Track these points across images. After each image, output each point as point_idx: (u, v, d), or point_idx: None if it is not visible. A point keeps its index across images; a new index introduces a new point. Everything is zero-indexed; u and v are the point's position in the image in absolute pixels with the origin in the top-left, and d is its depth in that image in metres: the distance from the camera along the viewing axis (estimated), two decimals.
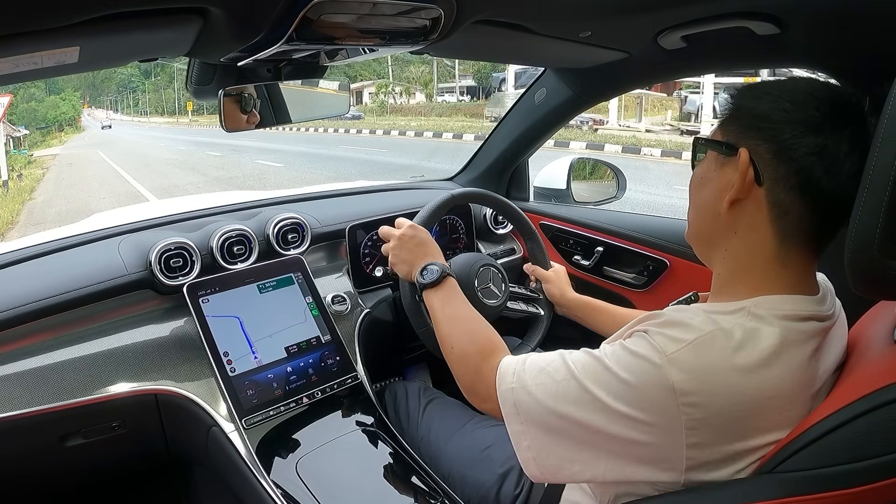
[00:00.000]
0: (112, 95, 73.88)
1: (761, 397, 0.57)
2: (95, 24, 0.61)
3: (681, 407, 0.56)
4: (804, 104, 0.59)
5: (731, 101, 0.65)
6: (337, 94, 1.13)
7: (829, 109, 0.58)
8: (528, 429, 0.66)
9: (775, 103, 0.60)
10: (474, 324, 0.84)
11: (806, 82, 0.61)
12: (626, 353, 0.60)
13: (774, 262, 0.62)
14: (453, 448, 1.03)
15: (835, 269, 0.62)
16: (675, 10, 0.94)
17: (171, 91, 55.95)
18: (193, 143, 22.17)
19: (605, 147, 11.94)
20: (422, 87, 31.44)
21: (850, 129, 0.58)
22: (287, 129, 22.28)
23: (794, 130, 0.58)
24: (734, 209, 0.63)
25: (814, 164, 0.58)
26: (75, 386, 1.00)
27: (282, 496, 0.94)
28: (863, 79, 0.94)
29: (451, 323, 0.85)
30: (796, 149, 0.58)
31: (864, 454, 0.50)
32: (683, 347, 0.57)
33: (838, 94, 0.60)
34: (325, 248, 1.38)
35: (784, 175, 0.59)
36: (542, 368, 0.66)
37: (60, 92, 53.13)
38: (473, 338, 0.80)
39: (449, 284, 0.90)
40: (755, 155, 0.61)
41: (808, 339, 0.60)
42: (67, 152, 24.16)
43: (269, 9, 0.69)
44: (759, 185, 0.61)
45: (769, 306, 0.59)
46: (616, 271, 1.50)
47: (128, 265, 1.12)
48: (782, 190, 0.60)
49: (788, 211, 0.60)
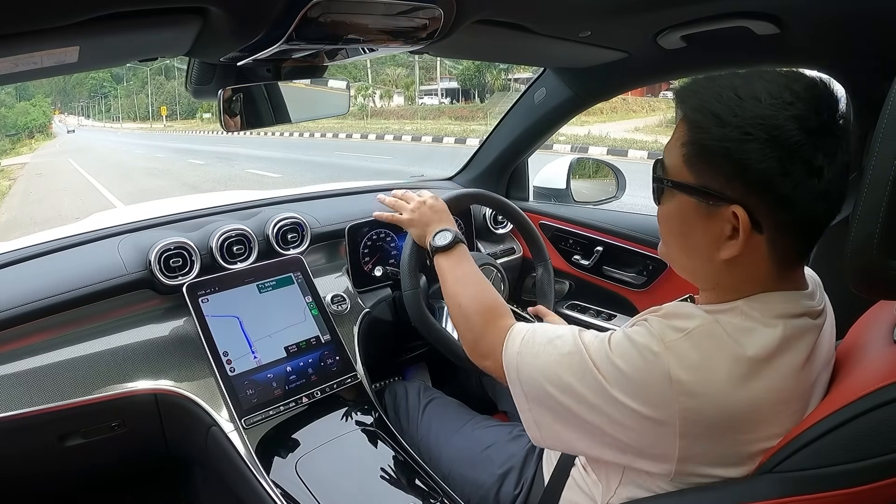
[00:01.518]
0: (83, 101, 72.64)
1: (758, 398, 0.57)
2: (95, 24, 0.61)
3: (676, 396, 0.56)
4: (799, 147, 0.53)
5: (695, 137, 0.57)
6: (337, 94, 1.13)
7: (825, 141, 0.53)
8: (529, 397, 0.67)
9: (761, 150, 0.53)
10: (483, 285, 0.86)
11: (791, 114, 0.53)
12: (628, 343, 0.60)
13: (770, 279, 0.61)
14: (453, 448, 1.03)
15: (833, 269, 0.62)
16: (674, 10, 0.94)
17: (143, 96, 55.20)
18: (172, 149, 20.32)
19: (590, 149, 11.56)
20: (402, 89, 30.59)
21: (843, 150, 0.55)
22: (270, 134, 21.71)
23: (794, 182, 0.53)
24: (732, 258, 0.59)
25: (818, 207, 0.55)
26: (75, 386, 1.00)
27: (281, 496, 0.94)
28: (863, 79, 0.94)
29: (460, 283, 0.87)
30: (798, 198, 0.54)
31: (864, 454, 0.50)
32: (683, 336, 0.58)
33: (823, 110, 0.54)
34: (324, 247, 1.38)
35: (783, 223, 0.56)
36: (550, 340, 0.67)
37: (31, 98, 50.92)
38: (481, 298, 0.82)
39: (460, 250, 0.92)
40: (748, 206, 0.55)
41: (804, 334, 0.60)
42: (37, 161, 21.90)
43: (268, 8, 0.69)
44: (760, 234, 0.57)
45: (763, 305, 0.59)
46: (616, 271, 1.50)
47: (127, 265, 1.12)
48: (786, 235, 0.57)
49: (787, 248, 0.59)
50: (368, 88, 30.66)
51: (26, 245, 1.20)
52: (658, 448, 0.59)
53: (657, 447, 0.59)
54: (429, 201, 1.03)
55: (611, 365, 0.60)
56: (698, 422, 0.57)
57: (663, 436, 0.58)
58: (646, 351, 0.58)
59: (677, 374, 0.56)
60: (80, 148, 26.93)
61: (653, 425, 0.58)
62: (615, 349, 0.61)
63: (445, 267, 0.90)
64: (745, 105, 0.55)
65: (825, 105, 0.55)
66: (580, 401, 0.62)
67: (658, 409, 0.57)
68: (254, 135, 22.35)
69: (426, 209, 1.02)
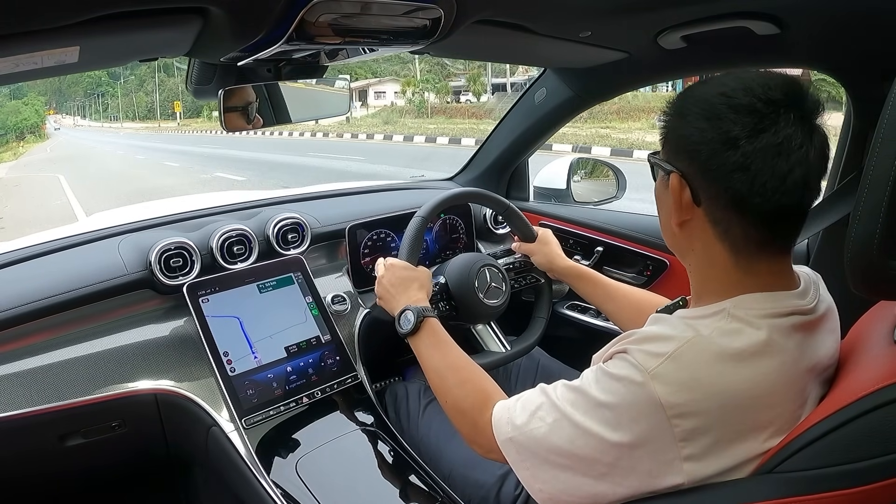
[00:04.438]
0: (79, 100, 70.55)
1: (748, 394, 0.56)
2: (95, 24, 0.61)
3: (671, 420, 0.56)
4: (718, 118, 0.57)
5: (662, 119, 0.64)
6: (338, 94, 1.13)
7: (746, 117, 0.56)
8: (536, 471, 0.65)
9: (693, 121, 0.59)
10: (464, 372, 0.83)
11: (721, 91, 0.58)
12: (608, 378, 0.60)
13: (736, 270, 0.61)
14: (453, 448, 1.03)
15: (833, 269, 0.62)
16: (675, 10, 0.94)
17: (142, 94, 53.04)
18: (204, 157, 15.42)
19: (593, 150, 10.87)
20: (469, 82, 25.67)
21: (773, 130, 0.55)
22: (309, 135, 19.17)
23: (711, 149, 0.57)
24: (685, 229, 0.63)
25: (738, 180, 0.56)
26: (75, 385, 1.00)
27: (282, 496, 0.94)
28: (862, 79, 0.94)
29: (439, 374, 0.84)
30: (718, 168, 0.57)
31: (864, 454, 0.50)
32: (664, 360, 0.57)
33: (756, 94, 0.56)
34: (325, 247, 1.38)
35: (715, 194, 0.59)
36: (532, 413, 0.66)
37: (24, 96, 47.03)
38: (465, 390, 0.80)
39: (428, 328, 0.90)
40: (689, 176, 0.60)
41: (792, 332, 0.59)
42: (12, 176, 16.28)
43: (268, 9, 0.69)
44: (699, 206, 0.61)
45: (749, 306, 0.59)
46: (616, 271, 1.50)
47: (128, 265, 1.12)
48: (718, 209, 0.59)
49: (730, 228, 0.60)
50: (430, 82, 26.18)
51: (26, 245, 1.20)
52: (663, 472, 0.58)
53: (662, 471, 0.58)
54: (386, 277, 1.00)
55: (598, 408, 0.59)
56: (697, 441, 0.56)
57: (666, 461, 0.57)
58: (630, 384, 0.57)
59: (668, 399, 0.56)
60: (74, 154, 21.80)
61: (654, 453, 0.57)
62: (598, 390, 0.60)
63: (422, 354, 0.88)
64: (696, 90, 0.61)
65: (761, 85, 0.57)
66: (581, 460, 0.61)
67: (654, 436, 0.56)
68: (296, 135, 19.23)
69: (382, 289, 1.00)
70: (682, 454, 0.56)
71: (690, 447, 0.56)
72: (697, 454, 0.56)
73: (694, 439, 0.56)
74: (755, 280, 0.61)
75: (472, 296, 1.13)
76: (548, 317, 1.23)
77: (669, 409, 0.56)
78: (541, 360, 1.30)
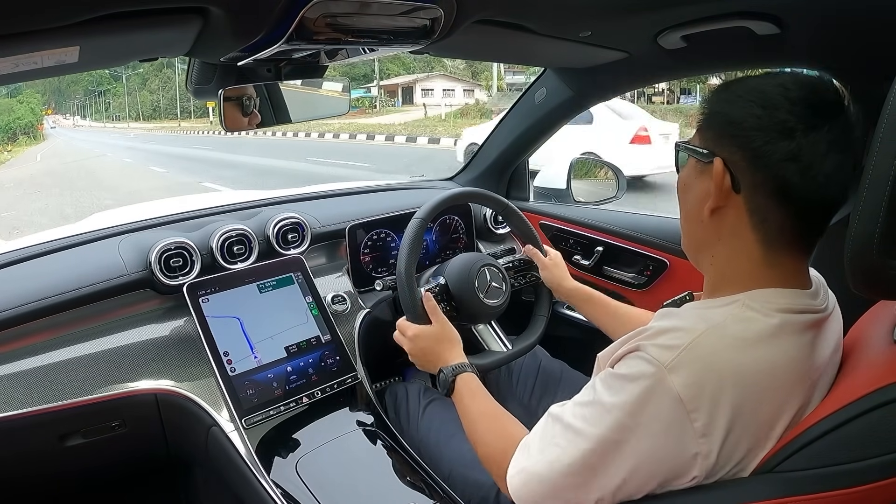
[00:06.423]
0: (79, 99, 68.08)
1: (763, 378, 0.56)
2: (95, 24, 0.62)
3: (689, 415, 0.55)
4: (776, 107, 0.58)
5: (706, 105, 0.64)
6: (338, 94, 1.13)
7: (804, 110, 0.57)
8: (558, 497, 0.64)
9: (747, 108, 0.59)
10: (495, 423, 0.83)
11: (779, 82, 0.59)
12: (622, 381, 0.59)
13: (762, 264, 0.61)
14: (454, 449, 1.03)
15: (833, 268, 0.62)
16: (675, 10, 0.94)
17: (146, 93, 50.76)
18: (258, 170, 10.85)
19: None
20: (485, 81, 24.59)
21: (827, 128, 0.57)
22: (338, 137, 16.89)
23: (767, 136, 0.58)
24: (716, 216, 0.62)
25: (788, 170, 0.57)
26: (75, 385, 1.00)
27: (282, 496, 0.94)
28: (863, 79, 0.94)
29: (472, 424, 0.86)
30: (769, 155, 0.57)
31: (864, 454, 0.50)
32: (680, 352, 0.57)
33: (813, 90, 0.58)
34: (325, 247, 1.38)
35: (760, 182, 0.59)
36: (542, 448, 0.66)
37: (19, 94, 40.52)
38: (495, 436, 0.81)
39: (462, 385, 0.90)
40: (731, 163, 0.60)
41: (804, 329, 0.60)
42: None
43: (269, 8, 0.69)
44: (737, 193, 0.60)
45: (764, 299, 0.60)
46: (616, 271, 1.50)
47: (128, 265, 1.12)
48: (760, 197, 0.59)
49: (768, 217, 0.60)
50: None
51: (26, 245, 1.20)
52: (678, 470, 0.58)
53: (677, 470, 0.58)
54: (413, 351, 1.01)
55: (613, 412, 0.59)
56: (712, 436, 0.56)
57: (683, 458, 0.57)
58: (646, 381, 0.57)
59: (685, 392, 0.55)
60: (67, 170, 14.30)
61: (672, 449, 0.57)
62: (612, 396, 0.59)
63: (459, 408, 0.90)
64: (749, 81, 0.62)
65: (815, 85, 0.59)
66: (598, 471, 0.60)
67: (673, 433, 0.56)
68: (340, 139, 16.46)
69: (415, 359, 1.01)
70: (700, 451, 0.56)
71: (707, 444, 0.56)
72: (713, 449, 0.56)
73: (710, 434, 0.56)
74: (775, 275, 0.61)
75: (473, 296, 1.13)
76: (548, 315, 1.22)
77: (688, 402, 0.55)
78: (542, 361, 1.30)
